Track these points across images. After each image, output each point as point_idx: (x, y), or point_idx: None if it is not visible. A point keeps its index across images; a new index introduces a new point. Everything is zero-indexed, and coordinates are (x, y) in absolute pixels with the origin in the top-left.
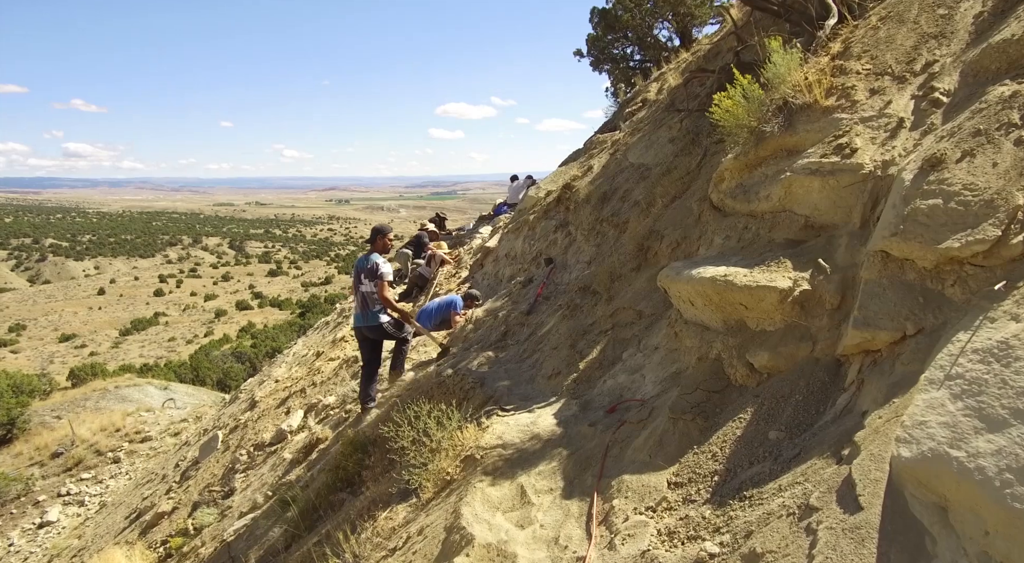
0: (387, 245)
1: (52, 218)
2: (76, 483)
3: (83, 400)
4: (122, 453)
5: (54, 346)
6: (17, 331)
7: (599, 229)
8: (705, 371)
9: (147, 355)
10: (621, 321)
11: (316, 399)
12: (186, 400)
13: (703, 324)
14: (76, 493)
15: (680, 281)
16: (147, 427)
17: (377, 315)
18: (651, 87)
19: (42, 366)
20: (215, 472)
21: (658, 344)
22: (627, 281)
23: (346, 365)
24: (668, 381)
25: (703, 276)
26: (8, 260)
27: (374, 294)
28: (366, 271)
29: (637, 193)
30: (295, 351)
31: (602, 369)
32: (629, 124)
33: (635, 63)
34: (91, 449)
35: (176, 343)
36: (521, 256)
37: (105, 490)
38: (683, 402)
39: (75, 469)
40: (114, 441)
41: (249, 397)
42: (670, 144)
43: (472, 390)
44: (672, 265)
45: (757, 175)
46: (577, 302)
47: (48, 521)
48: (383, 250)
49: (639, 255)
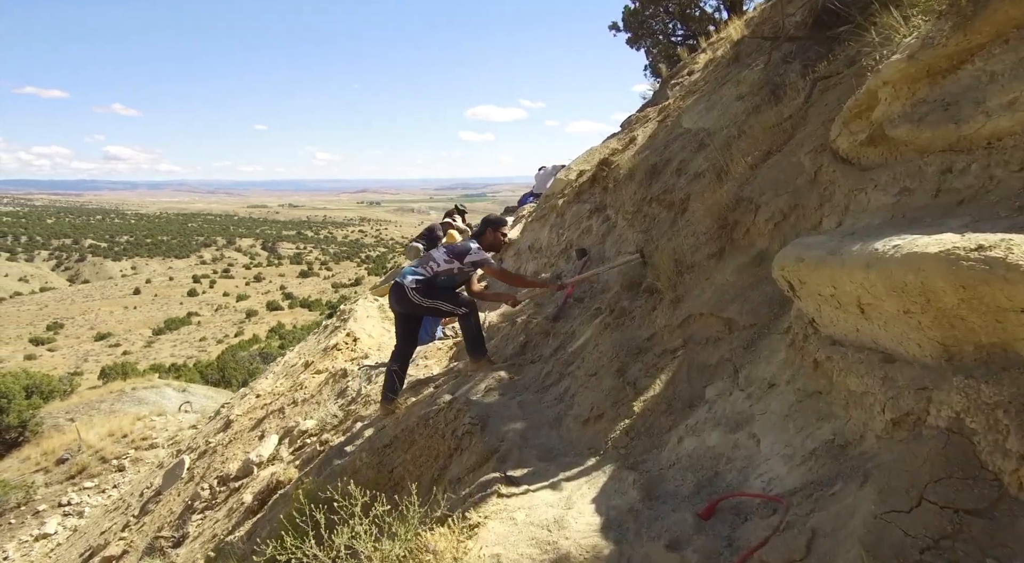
0: (498, 242)
1: (92, 219)
2: (78, 492)
3: (98, 402)
4: (127, 461)
5: (89, 345)
6: (55, 329)
7: (647, 210)
8: (921, 457)
9: (178, 355)
10: (698, 335)
11: (294, 422)
12: (204, 403)
13: (884, 349)
14: (77, 503)
15: (833, 267)
16: (155, 434)
17: (412, 276)
18: (699, 58)
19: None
20: (173, 508)
21: (774, 378)
22: (703, 273)
23: (333, 380)
24: (821, 459)
25: (914, 252)
26: (49, 260)
27: (436, 264)
28: (453, 249)
29: (698, 163)
30: (286, 359)
31: (672, 415)
32: (679, 88)
33: (677, 38)
34: (96, 456)
35: (207, 343)
36: (547, 248)
37: (107, 500)
38: (895, 535)
39: (78, 477)
40: (120, 448)
41: (226, 414)
42: (738, 102)
43: (469, 435)
44: (801, 241)
45: (967, 76)
46: (624, 305)
47: (46, 533)
48: (491, 248)
49: (720, 235)
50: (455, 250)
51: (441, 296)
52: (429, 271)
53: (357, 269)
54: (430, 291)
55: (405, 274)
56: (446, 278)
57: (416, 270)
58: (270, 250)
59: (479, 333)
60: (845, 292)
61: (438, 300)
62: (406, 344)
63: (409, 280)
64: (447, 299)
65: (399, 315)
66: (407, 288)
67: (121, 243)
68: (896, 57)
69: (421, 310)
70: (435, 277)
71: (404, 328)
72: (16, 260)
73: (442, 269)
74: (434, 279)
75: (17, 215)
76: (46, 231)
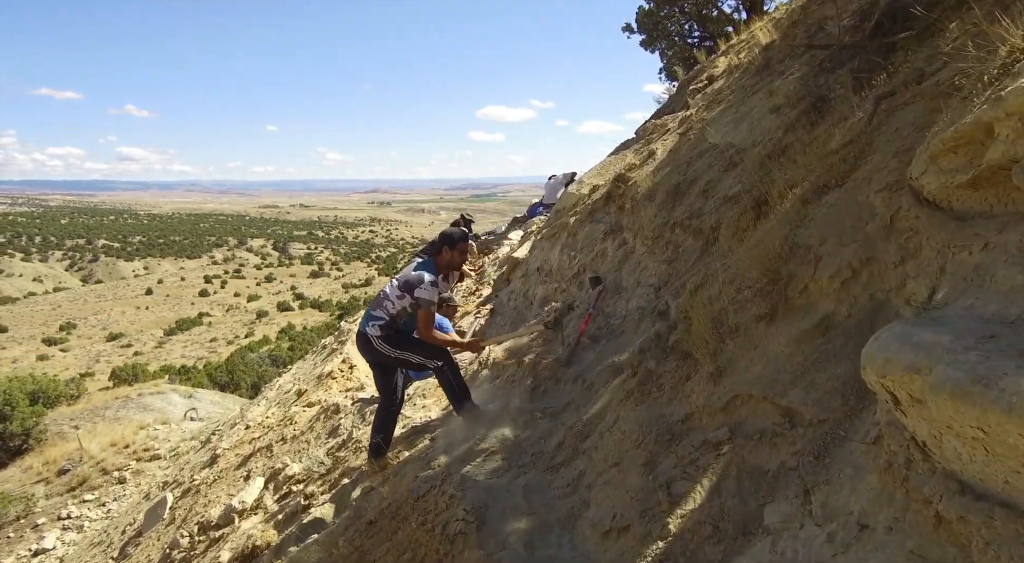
0: (455, 261)
1: (105, 220)
2: (78, 505)
3: (103, 409)
4: (128, 473)
5: (101, 345)
6: (68, 330)
7: (670, 237)
8: None
9: (188, 355)
10: (748, 425)
11: (281, 464)
12: (209, 409)
13: None
14: (76, 517)
15: (986, 407)
16: (157, 444)
17: (372, 321)
18: (719, 62)
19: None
20: (151, 556)
21: (865, 516)
22: (749, 339)
23: (324, 416)
24: None
25: None
26: (63, 260)
27: (391, 304)
28: (406, 280)
29: (727, 184)
30: (280, 383)
31: (720, 543)
32: (701, 97)
33: (694, 40)
34: (97, 467)
35: (217, 343)
36: (558, 271)
37: (106, 514)
38: None
39: (79, 489)
40: (122, 459)
41: (213, 448)
42: (772, 116)
43: (462, 536)
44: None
45: None
46: (650, 367)
47: (44, 548)
48: (449, 266)
49: (771, 291)
50: (407, 282)
51: (409, 346)
52: (386, 313)
53: (368, 269)
54: (397, 339)
55: (366, 319)
56: (407, 320)
57: (374, 314)
58: (281, 250)
59: (460, 384)
60: (1004, 443)
61: (406, 351)
62: (389, 399)
63: (371, 328)
64: (418, 349)
65: (371, 364)
66: (371, 338)
67: (134, 243)
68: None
69: (390, 362)
70: (395, 320)
71: (382, 379)
72: (31, 260)
73: (397, 309)
74: (395, 322)
75: (32, 215)
76: (60, 231)
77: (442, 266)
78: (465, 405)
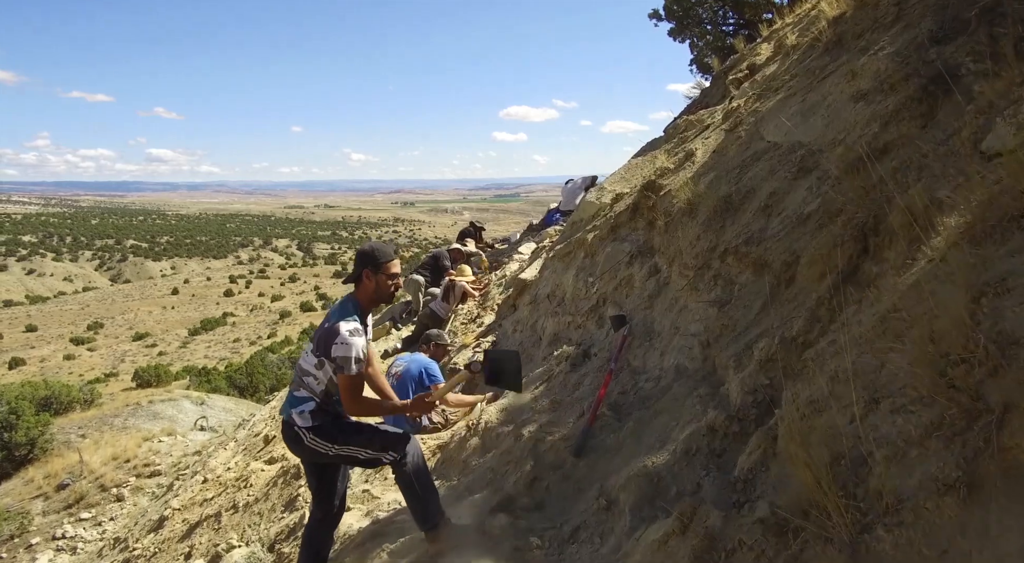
0: (385, 290)
1: (134, 220)
2: (74, 524)
3: (112, 417)
4: (127, 489)
5: (127, 344)
6: (95, 329)
7: (719, 268)
8: None
9: (212, 356)
10: None
11: (226, 544)
12: (221, 417)
13: None
14: (71, 536)
15: None
16: (159, 458)
17: (297, 405)
18: (761, 49)
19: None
20: None
21: None
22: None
23: (283, 480)
24: None
25: None
26: (93, 260)
27: (312, 378)
28: (319, 339)
29: (800, 198)
30: (253, 422)
31: None
32: (749, 85)
33: (728, 27)
34: (96, 483)
35: (240, 344)
36: (572, 301)
37: (101, 535)
38: None
39: (76, 507)
40: (121, 474)
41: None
42: (858, 105)
43: None
44: None
45: None
46: (713, 526)
47: None
48: (375, 299)
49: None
50: (321, 340)
51: (354, 436)
52: (311, 393)
53: None
54: (335, 429)
55: (288, 402)
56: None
57: (297, 395)
58: (306, 250)
59: (426, 484)
60: None
61: (351, 445)
62: (323, 506)
63: (297, 416)
64: (365, 439)
65: (304, 463)
66: (300, 431)
67: (161, 243)
68: None
69: (330, 460)
70: (327, 400)
71: (318, 481)
72: (61, 260)
73: (323, 384)
74: (329, 403)
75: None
76: (90, 232)
77: (365, 301)
78: (430, 520)
